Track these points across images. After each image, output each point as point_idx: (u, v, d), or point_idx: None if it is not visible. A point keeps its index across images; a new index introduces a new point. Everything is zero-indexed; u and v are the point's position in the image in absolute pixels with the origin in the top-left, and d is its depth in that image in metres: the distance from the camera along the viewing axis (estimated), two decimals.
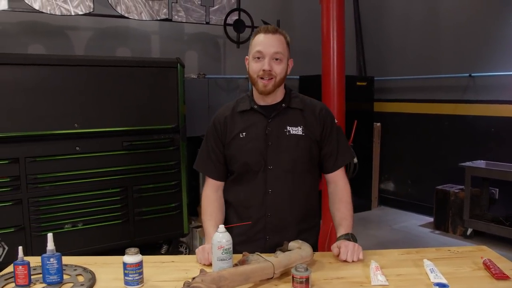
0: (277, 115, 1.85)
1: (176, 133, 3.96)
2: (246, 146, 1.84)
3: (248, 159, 1.84)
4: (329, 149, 1.89)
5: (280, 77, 1.80)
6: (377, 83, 6.06)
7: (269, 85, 1.78)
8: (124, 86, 3.69)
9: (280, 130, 1.84)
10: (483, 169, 4.81)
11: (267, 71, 1.76)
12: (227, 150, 1.89)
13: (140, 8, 4.09)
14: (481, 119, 5.06)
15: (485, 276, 1.63)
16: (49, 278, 1.53)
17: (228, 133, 1.88)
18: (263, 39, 1.79)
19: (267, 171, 1.83)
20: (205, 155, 1.95)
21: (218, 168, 1.93)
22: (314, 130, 1.86)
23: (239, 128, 1.87)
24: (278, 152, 1.83)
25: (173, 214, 4.02)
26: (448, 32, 5.38)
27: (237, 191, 1.91)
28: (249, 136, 1.85)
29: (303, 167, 1.86)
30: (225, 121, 1.89)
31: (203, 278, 1.37)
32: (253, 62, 1.80)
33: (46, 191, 3.42)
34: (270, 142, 1.83)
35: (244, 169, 1.86)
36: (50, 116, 3.40)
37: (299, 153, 1.84)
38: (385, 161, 6.17)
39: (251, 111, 1.88)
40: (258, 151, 1.83)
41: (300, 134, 1.84)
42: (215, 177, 1.94)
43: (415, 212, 5.77)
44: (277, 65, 1.78)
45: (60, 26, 4.19)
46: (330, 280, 1.58)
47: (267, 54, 1.77)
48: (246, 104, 1.89)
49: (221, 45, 5.20)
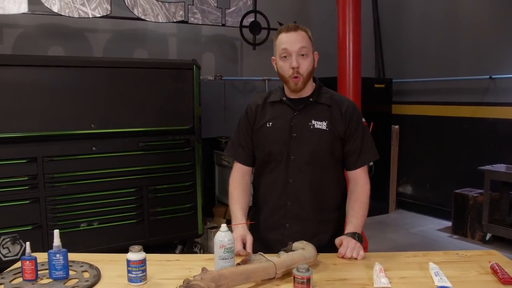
0: (304, 108, 1.91)
1: (191, 134, 3.99)
2: (271, 135, 1.91)
3: (272, 148, 1.91)
4: (352, 146, 1.92)
5: (307, 72, 1.85)
6: (396, 85, 5.99)
7: (299, 82, 1.85)
8: (141, 87, 3.74)
9: (305, 123, 1.89)
10: (503, 173, 4.71)
11: (296, 68, 1.82)
12: (254, 137, 1.97)
13: (157, 10, 4.15)
14: (501, 122, 4.96)
15: (491, 280, 1.60)
16: (55, 274, 1.56)
17: (257, 121, 1.96)
18: (287, 37, 1.84)
19: (289, 161, 1.88)
20: (236, 140, 2.04)
21: (246, 153, 2.01)
22: (338, 127, 1.89)
23: (267, 118, 1.94)
24: (301, 144, 1.87)
25: (188, 215, 4.05)
26: (468, 33, 5.30)
27: (263, 178, 1.98)
28: (275, 126, 1.91)
29: (324, 161, 1.90)
30: (256, 109, 1.98)
31: (203, 276, 1.38)
32: (280, 61, 1.87)
33: (62, 190, 3.49)
34: (294, 134, 1.88)
35: (268, 157, 1.93)
36: (68, 117, 3.48)
37: (320, 147, 1.88)
38: (403, 164, 6.10)
39: (280, 103, 1.95)
40: (281, 142, 1.89)
41: (324, 128, 1.88)
42: (243, 162, 2.02)
43: (433, 216, 5.69)
44: (303, 60, 1.83)
45: (79, 29, 4.28)
46: (332, 282, 1.57)
47: (293, 51, 1.82)
48: (277, 96, 1.97)
49: (238, 47, 5.22)
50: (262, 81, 5.33)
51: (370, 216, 5.51)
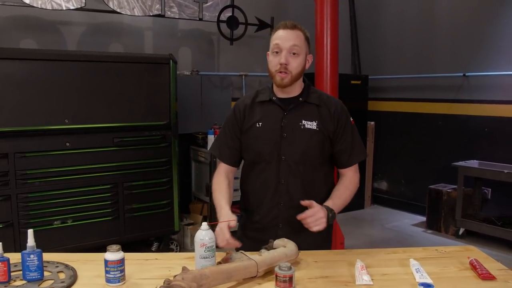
0: (294, 108, 1.90)
1: (167, 130, 3.94)
2: (261, 136, 1.90)
3: (262, 149, 1.90)
4: (342, 146, 1.92)
5: (296, 71, 1.84)
6: (372, 81, 6.04)
7: (285, 78, 1.83)
8: (116, 82, 3.66)
9: (295, 123, 1.88)
10: (476, 169, 4.81)
11: (284, 64, 1.81)
12: (243, 138, 1.95)
13: (133, 3, 4.06)
14: (474, 118, 5.05)
15: (471, 276, 1.62)
16: (29, 275, 1.51)
17: (246, 121, 1.94)
18: (281, 34, 1.84)
19: (281, 161, 1.87)
20: (222, 140, 2.02)
21: (233, 153, 1.99)
22: (328, 126, 1.89)
23: (256, 118, 1.92)
24: (292, 144, 1.87)
25: (164, 211, 4.00)
26: (443, 32, 5.37)
27: (253, 179, 1.96)
28: (265, 126, 1.90)
29: (315, 161, 1.90)
30: (245, 109, 1.95)
31: (184, 276, 1.35)
32: (271, 56, 1.86)
33: (35, 187, 3.40)
34: (285, 134, 1.87)
35: (258, 158, 1.92)
36: (40, 112, 3.38)
37: (311, 147, 1.88)
38: (378, 160, 6.16)
39: (270, 102, 1.93)
40: (272, 142, 1.88)
41: (314, 128, 1.88)
42: (228, 162, 2.00)
43: (408, 212, 5.77)
44: (293, 58, 1.83)
45: (52, 21, 4.16)
46: (315, 280, 1.56)
47: (284, 48, 1.81)
48: (266, 95, 1.94)
49: (214, 41, 5.17)
50: (239, 77, 5.29)
51: (346, 211, 5.56)
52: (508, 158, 4.70)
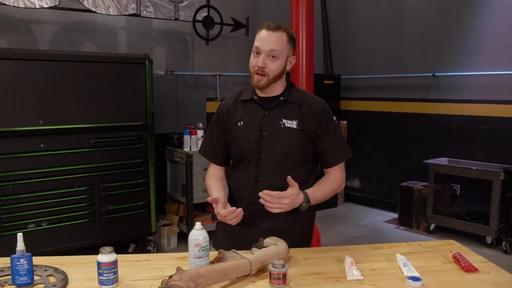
0: (274, 107, 1.91)
1: (144, 130, 3.90)
2: (242, 134, 1.92)
3: (243, 147, 1.92)
4: (326, 145, 1.94)
5: (274, 74, 1.85)
6: (344, 81, 6.15)
7: (262, 81, 1.85)
8: (91, 82, 3.61)
9: (276, 122, 1.89)
10: (445, 166, 4.96)
11: (260, 67, 1.83)
12: (227, 137, 1.98)
13: (108, 2, 4.01)
14: (443, 117, 5.21)
15: (454, 269, 1.68)
16: (18, 280, 1.48)
17: (229, 121, 1.97)
18: (263, 36, 1.85)
19: (260, 160, 1.89)
20: (209, 142, 2.06)
21: (219, 154, 2.03)
22: (309, 125, 1.90)
23: (238, 117, 1.95)
24: (272, 143, 1.89)
25: (141, 213, 3.97)
26: (413, 33, 5.52)
27: (234, 176, 2.00)
28: (246, 125, 1.92)
29: (295, 160, 1.91)
30: (227, 109, 1.99)
31: (181, 276, 1.35)
32: (252, 56, 1.88)
33: (9, 190, 3.31)
34: (265, 133, 1.89)
35: (240, 156, 1.95)
36: (13, 112, 3.30)
37: (291, 146, 1.89)
38: (351, 159, 6.25)
39: (251, 101, 1.95)
40: (252, 140, 1.90)
41: (294, 127, 1.89)
42: (216, 162, 2.05)
43: (380, 209, 5.90)
44: (272, 62, 1.84)
45: (23, 19, 4.05)
46: (307, 276, 1.59)
47: (263, 50, 1.83)
48: (248, 94, 1.97)
49: (189, 41, 5.15)
50: (213, 77, 5.29)
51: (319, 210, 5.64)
52: (476, 155, 4.87)
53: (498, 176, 4.38)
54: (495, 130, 4.77)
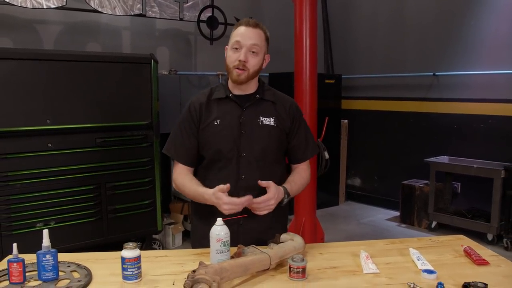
0: (251, 105, 1.92)
1: (149, 130, 3.93)
2: (220, 133, 1.89)
3: (221, 146, 1.88)
4: (297, 142, 1.99)
5: (254, 69, 1.87)
6: (345, 81, 6.19)
7: (242, 75, 1.84)
8: (98, 82, 3.63)
9: (254, 119, 1.90)
10: (446, 164, 5.02)
11: (242, 61, 1.83)
12: (201, 136, 1.92)
13: (114, 2, 4.04)
14: (444, 116, 5.27)
15: (466, 262, 1.73)
16: (44, 275, 1.51)
17: (203, 119, 1.92)
18: (243, 31, 1.86)
19: (240, 158, 1.88)
20: (178, 140, 1.96)
21: (189, 153, 1.95)
22: (284, 123, 1.94)
23: (213, 115, 1.91)
24: (251, 141, 1.89)
25: (147, 211, 3.99)
26: (413, 33, 5.57)
27: (212, 177, 1.90)
28: (223, 123, 1.90)
29: (272, 156, 1.94)
30: (200, 107, 1.93)
31: (206, 270, 1.39)
32: (231, 52, 1.87)
33: (17, 189, 3.33)
34: (244, 131, 1.89)
35: (217, 156, 1.90)
36: (21, 112, 3.31)
37: (270, 143, 1.91)
38: (352, 158, 6.32)
39: (227, 99, 1.93)
40: (231, 139, 1.88)
41: (272, 124, 1.91)
42: (186, 163, 1.95)
43: (382, 207, 5.95)
44: (252, 57, 1.85)
45: (29, 20, 4.07)
46: (324, 270, 1.63)
47: (245, 45, 1.84)
48: (222, 93, 1.94)
49: (192, 41, 5.19)
50: (216, 76, 5.32)
51: (321, 208, 5.66)
52: (477, 154, 4.93)
53: (499, 174, 4.44)
54: (495, 129, 4.83)
